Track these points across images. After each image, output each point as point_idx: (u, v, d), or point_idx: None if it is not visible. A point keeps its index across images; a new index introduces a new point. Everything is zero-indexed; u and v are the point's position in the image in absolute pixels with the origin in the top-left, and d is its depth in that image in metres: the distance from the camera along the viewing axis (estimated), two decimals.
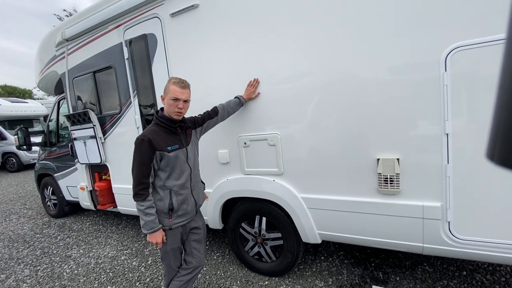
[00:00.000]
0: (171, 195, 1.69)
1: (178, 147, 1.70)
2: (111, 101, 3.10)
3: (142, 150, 1.62)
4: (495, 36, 1.38)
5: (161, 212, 1.68)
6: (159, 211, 1.68)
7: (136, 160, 1.64)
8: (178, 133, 1.74)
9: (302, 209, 2.08)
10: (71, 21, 3.24)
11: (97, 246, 3.40)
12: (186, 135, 1.81)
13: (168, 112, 1.69)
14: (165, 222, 1.70)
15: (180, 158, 1.70)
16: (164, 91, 1.69)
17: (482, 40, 1.41)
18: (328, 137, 1.90)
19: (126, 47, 2.75)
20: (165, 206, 1.68)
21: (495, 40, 1.38)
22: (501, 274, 2.20)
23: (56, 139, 4.29)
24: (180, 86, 1.66)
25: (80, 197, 3.78)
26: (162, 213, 1.68)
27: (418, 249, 1.76)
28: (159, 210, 1.68)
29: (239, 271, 2.57)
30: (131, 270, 2.77)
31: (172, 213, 1.70)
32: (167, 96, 1.65)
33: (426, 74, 1.56)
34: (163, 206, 1.68)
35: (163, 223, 1.69)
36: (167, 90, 1.66)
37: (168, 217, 1.70)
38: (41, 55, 3.81)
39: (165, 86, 1.69)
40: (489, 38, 1.39)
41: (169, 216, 1.70)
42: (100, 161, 3.20)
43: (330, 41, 1.80)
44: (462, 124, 1.52)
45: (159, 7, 2.45)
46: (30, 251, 3.44)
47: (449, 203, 1.60)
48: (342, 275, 2.39)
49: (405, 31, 1.58)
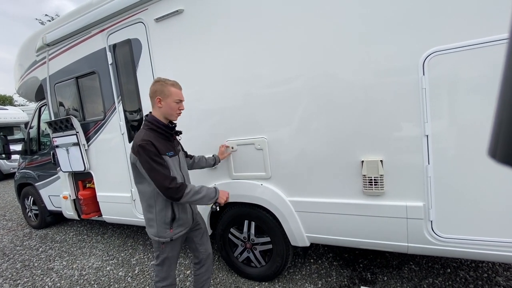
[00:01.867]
0: (172, 204, 1.63)
1: (173, 153, 1.65)
2: (95, 107, 3.03)
3: (152, 151, 1.49)
4: (471, 41, 1.44)
5: (163, 222, 1.61)
6: (160, 222, 1.61)
7: (153, 163, 1.49)
8: (172, 140, 1.71)
9: (290, 213, 2.09)
10: (53, 25, 3.16)
11: (81, 257, 3.28)
12: (175, 142, 1.78)
13: (168, 115, 1.63)
14: (166, 233, 1.63)
15: (175, 165, 1.66)
16: (161, 94, 1.59)
17: (459, 45, 1.47)
18: (314, 140, 1.93)
19: (110, 52, 2.70)
20: (168, 215, 1.62)
21: (471, 45, 1.44)
22: (483, 270, 2.28)
23: (37, 147, 4.14)
24: (179, 88, 1.65)
25: (63, 207, 3.65)
26: (163, 224, 1.62)
27: (403, 249, 1.80)
28: (160, 221, 1.61)
29: (229, 277, 2.53)
30: (117, 280, 2.69)
31: (173, 223, 1.64)
32: (169, 99, 1.60)
33: (406, 78, 1.61)
34: (164, 216, 1.61)
35: (164, 234, 1.62)
36: (166, 93, 1.59)
37: (169, 228, 1.63)
38: (21, 60, 3.70)
39: (159, 89, 1.60)
40: (465, 43, 1.45)
41: (170, 226, 1.63)
42: (83, 169, 3.11)
43: (315, 46, 1.83)
44: (441, 126, 1.57)
45: (144, 12, 2.43)
46: (10, 265, 3.28)
47: (431, 202, 1.64)
48: (331, 277, 2.40)
49: (386, 36, 1.63)
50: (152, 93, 1.62)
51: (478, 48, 1.42)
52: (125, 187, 2.90)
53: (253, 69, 2.06)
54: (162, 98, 1.60)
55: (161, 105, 1.61)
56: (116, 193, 3.01)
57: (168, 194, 1.50)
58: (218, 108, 2.24)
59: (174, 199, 1.53)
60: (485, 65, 1.43)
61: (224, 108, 2.22)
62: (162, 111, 1.62)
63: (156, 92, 1.61)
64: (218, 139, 2.28)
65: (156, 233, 1.63)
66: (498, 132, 0.33)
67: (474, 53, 1.44)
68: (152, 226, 1.65)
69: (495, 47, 1.38)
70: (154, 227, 1.63)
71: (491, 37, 1.39)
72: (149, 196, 1.61)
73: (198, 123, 2.35)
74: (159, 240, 1.63)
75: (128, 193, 2.89)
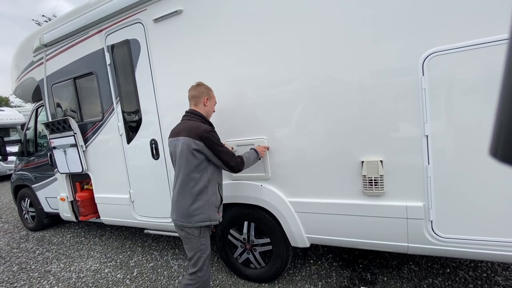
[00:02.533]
0: (219, 189, 1.83)
1: None
2: (93, 108, 3.01)
3: (218, 137, 1.77)
4: (471, 41, 1.45)
5: (214, 206, 1.77)
6: (212, 205, 1.75)
7: (220, 143, 1.76)
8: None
9: (290, 213, 2.08)
10: (50, 26, 3.14)
11: (78, 260, 3.25)
12: None
13: (209, 113, 1.92)
14: (216, 216, 1.79)
15: None
16: (208, 95, 1.88)
17: (458, 45, 1.47)
18: (314, 141, 1.92)
19: (108, 53, 2.69)
20: (218, 199, 1.80)
21: (471, 45, 1.45)
22: (482, 270, 2.28)
23: (34, 148, 4.11)
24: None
25: (60, 209, 3.61)
26: (214, 207, 1.77)
27: (403, 249, 1.79)
28: (212, 204, 1.75)
29: (228, 278, 2.52)
30: (115, 283, 2.67)
31: (219, 207, 1.83)
32: (212, 101, 1.94)
33: (406, 79, 1.61)
34: (215, 199, 1.77)
35: (214, 217, 1.77)
36: (211, 95, 1.92)
37: (217, 211, 1.80)
38: (18, 61, 3.67)
39: (205, 91, 1.87)
40: (465, 43, 1.46)
41: (218, 210, 1.81)
42: (81, 170, 3.08)
43: (315, 47, 1.83)
44: (441, 126, 1.57)
45: (142, 12, 2.42)
46: (7, 267, 3.24)
47: (431, 202, 1.64)
48: (331, 278, 2.39)
49: (386, 36, 1.64)
50: (199, 93, 1.86)
51: (478, 49, 1.43)
52: (124, 189, 2.87)
53: (253, 69, 2.05)
54: (209, 98, 1.88)
55: (207, 104, 1.88)
56: (114, 194, 2.99)
57: (236, 168, 1.76)
58: (218, 108, 2.22)
59: (239, 170, 1.79)
60: (485, 66, 1.44)
61: (224, 109, 2.21)
62: (207, 109, 1.89)
63: (203, 93, 1.86)
64: None
65: (208, 217, 1.73)
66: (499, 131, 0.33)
67: (474, 54, 1.45)
68: (203, 212, 1.72)
69: (495, 48, 1.39)
70: (204, 212, 1.72)
71: (491, 38, 1.40)
72: (203, 182, 1.72)
73: None
74: (211, 223, 1.75)
75: (126, 195, 2.87)
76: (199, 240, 1.72)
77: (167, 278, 2.64)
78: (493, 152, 0.34)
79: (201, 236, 1.73)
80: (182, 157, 1.70)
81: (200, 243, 1.73)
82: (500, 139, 0.33)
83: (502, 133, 0.33)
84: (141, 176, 2.73)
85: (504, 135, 0.33)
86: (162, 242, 3.45)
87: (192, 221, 1.70)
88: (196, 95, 1.85)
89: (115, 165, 2.87)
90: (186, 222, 1.71)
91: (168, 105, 2.44)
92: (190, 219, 1.70)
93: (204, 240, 1.75)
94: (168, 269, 2.80)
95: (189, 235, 1.73)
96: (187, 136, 1.68)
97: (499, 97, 0.34)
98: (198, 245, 1.72)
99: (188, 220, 1.71)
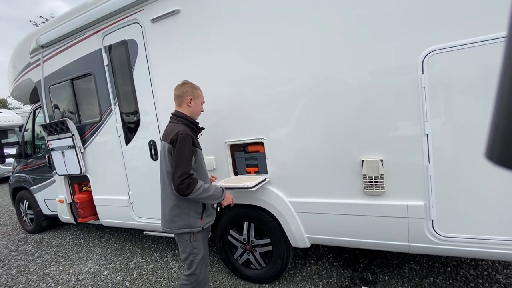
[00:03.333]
0: None
1: (201, 149, 1.79)
2: (91, 109, 2.99)
3: (187, 143, 1.59)
4: (471, 39, 1.44)
5: (194, 212, 1.68)
6: (193, 212, 1.67)
7: (185, 152, 1.57)
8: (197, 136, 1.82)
9: (291, 214, 2.07)
10: (47, 27, 3.12)
11: (78, 262, 3.23)
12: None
13: (194, 114, 1.81)
14: (198, 223, 1.69)
15: (203, 159, 1.80)
16: (192, 95, 1.76)
17: (458, 43, 1.47)
18: (314, 140, 1.91)
19: (105, 53, 2.67)
20: (199, 205, 1.70)
21: (469, 43, 1.44)
22: (483, 269, 2.28)
23: (32, 150, 4.08)
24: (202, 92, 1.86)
25: (59, 211, 3.59)
26: (195, 214, 1.68)
27: (404, 248, 1.79)
28: (192, 211, 1.67)
29: (229, 279, 2.51)
30: (115, 285, 2.65)
31: (203, 213, 1.72)
32: (198, 100, 1.80)
33: (405, 77, 1.61)
34: (196, 205, 1.68)
35: (196, 224, 1.68)
36: (196, 95, 1.78)
37: (200, 218, 1.70)
38: (15, 62, 3.64)
39: (189, 90, 1.76)
40: (464, 41, 1.45)
41: (201, 216, 1.71)
42: (80, 172, 3.06)
43: (314, 46, 1.82)
44: (441, 125, 1.57)
45: (140, 12, 2.40)
46: (5, 270, 3.21)
47: (431, 201, 1.64)
48: (332, 277, 2.39)
49: (384, 35, 1.63)
50: (183, 92, 1.76)
51: (478, 46, 1.42)
52: (123, 190, 2.86)
53: (251, 69, 2.04)
54: (193, 98, 1.77)
55: (191, 105, 1.76)
56: (113, 196, 2.97)
57: (180, 187, 1.52)
58: (217, 109, 2.22)
59: (182, 194, 1.54)
60: (485, 63, 1.43)
61: (223, 109, 2.20)
62: (191, 110, 1.77)
63: (187, 92, 1.76)
64: (217, 140, 2.26)
65: (188, 225, 1.66)
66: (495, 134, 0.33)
67: (474, 51, 1.44)
68: (182, 219, 1.66)
69: (495, 45, 1.38)
70: (185, 219, 1.66)
71: (491, 35, 1.39)
72: None
73: None
74: (192, 231, 1.66)
75: (125, 196, 2.85)
76: (190, 244, 1.68)
77: (167, 280, 2.63)
78: (488, 155, 0.34)
79: (192, 241, 1.68)
80: (161, 161, 1.69)
81: (192, 247, 1.69)
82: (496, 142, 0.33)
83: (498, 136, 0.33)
84: (140, 177, 2.71)
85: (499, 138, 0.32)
86: (161, 243, 3.44)
87: (172, 228, 1.67)
88: (179, 95, 1.76)
89: (114, 166, 2.86)
90: (168, 228, 1.69)
91: (167, 105, 2.40)
92: (171, 225, 1.68)
93: (195, 244, 1.69)
94: (168, 271, 2.79)
95: (180, 239, 1.71)
96: (164, 140, 1.66)
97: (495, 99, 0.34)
98: (190, 249, 1.69)
99: (169, 226, 1.69)
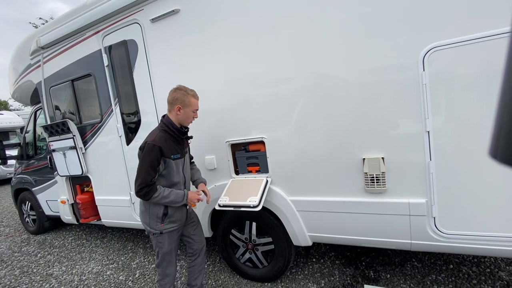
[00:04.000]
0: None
1: (179, 156, 1.78)
2: (91, 110, 2.99)
3: (152, 155, 1.63)
4: (472, 35, 1.43)
5: (155, 216, 1.74)
6: (153, 215, 1.74)
7: (146, 164, 1.63)
8: (182, 142, 1.81)
9: (292, 212, 2.07)
10: (47, 28, 3.12)
11: (80, 262, 3.24)
12: (185, 145, 1.88)
13: (183, 122, 1.77)
14: (157, 226, 1.75)
15: (178, 167, 1.78)
16: (182, 103, 1.72)
17: (459, 39, 1.46)
18: (314, 139, 1.91)
19: (105, 54, 2.67)
20: (160, 211, 1.74)
21: (471, 40, 1.43)
22: (485, 266, 2.27)
23: (33, 151, 4.09)
24: (197, 98, 1.80)
25: (61, 211, 3.60)
26: (155, 217, 1.74)
27: (407, 246, 1.79)
28: (153, 214, 1.74)
29: (231, 278, 2.51)
30: (117, 285, 2.66)
31: (165, 218, 1.76)
32: (188, 108, 1.74)
33: (406, 74, 1.60)
34: (157, 210, 1.73)
35: (155, 227, 1.75)
36: (187, 103, 1.72)
37: (161, 222, 1.75)
38: (15, 64, 3.65)
39: (180, 98, 1.72)
40: (466, 37, 1.44)
41: (162, 221, 1.75)
42: (81, 172, 3.07)
43: (314, 44, 1.81)
44: (442, 122, 1.56)
45: (139, 12, 2.40)
46: (8, 271, 3.23)
47: (433, 199, 1.63)
48: (334, 276, 2.39)
49: (384, 32, 1.62)
50: (173, 99, 1.74)
51: (480, 43, 1.41)
52: (124, 190, 2.86)
53: (251, 68, 2.04)
54: (182, 107, 1.73)
55: (180, 113, 1.74)
56: (114, 196, 2.98)
57: (138, 194, 1.63)
58: (217, 108, 2.22)
59: (142, 199, 1.68)
60: (487, 60, 1.42)
61: (223, 109, 2.20)
62: (179, 118, 1.76)
63: (177, 100, 1.72)
64: (217, 139, 2.26)
65: (148, 224, 1.77)
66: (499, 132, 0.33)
67: (475, 48, 1.43)
68: (144, 217, 1.79)
69: (496, 41, 1.37)
70: (146, 219, 1.78)
71: (492, 31, 1.38)
72: None
73: (197, 124, 2.31)
74: (150, 231, 1.78)
75: (127, 196, 2.86)
76: (155, 237, 1.80)
77: None
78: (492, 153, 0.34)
79: (156, 236, 1.79)
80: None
81: (157, 241, 1.80)
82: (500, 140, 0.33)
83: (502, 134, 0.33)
84: None
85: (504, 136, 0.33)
86: None
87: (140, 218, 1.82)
88: (170, 101, 1.76)
89: (115, 166, 2.86)
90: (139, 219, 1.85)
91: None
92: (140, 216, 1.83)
93: (160, 238, 1.78)
94: None
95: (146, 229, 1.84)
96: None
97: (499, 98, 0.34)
98: (155, 242, 1.81)
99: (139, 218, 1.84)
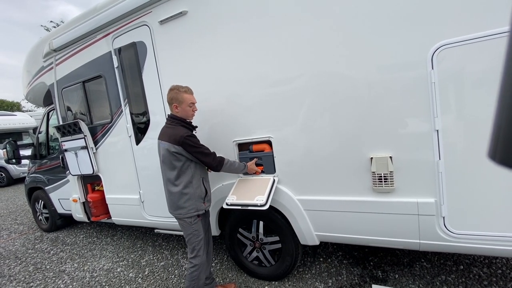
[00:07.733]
0: (203, 182, 1.96)
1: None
2: (102, 110, 3.06)
3: (196, 139, 1.88)
4: (480, 33, 1.41)
5: (198, 197, 1.92)
6: (196, 197, 1.91)
7: (200, 146, 1.86)
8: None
9: (299, 211, 2.08)
10: (59, 31, 3.20)
11: (92, 259, 3.32)
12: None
13: (185, 117, 1.94)
14: (201, 206, 1.94)
15: None
16: (176, 101, 1.88)
17: (467, 37, 1.44)
18: (321, 138, 1.91)
19: (115, 56, 2.73)
20: (202, 191, 1.95)
21: (480, 37, 1.41)
22: (497, 267, 2.23)
23: (46, 151, 4.20)
24: (190, 92, 1.95)
25: (72, 210, 3.69)
26: (199, 198, 1.92)
27: (415, 246, 1.77)
28: (197, 196, 1.91)
29: (238, 277, 2.54)
30: (127, 282, 2.71)
31: (205, 198, 1.97)
32: (183, 104, 1.89)
33: (414, 73, 1.59)
34: (200, 192, 1.93)
35: (199, 207, 1.93)
36: (180, 99, 1.87)
37: (203, 202, 1.96)
38: (29, 66, 3.75)
39: (174, 97, 1.87)
40: (475, 35, 1.43)
41: (203, 200, 1.96)
42: (92, 171, 3.14)
43: (321, 43, 1.82)
44: (451, 120, 1.54)
45: (148, 15, 2.44)
46: (23, 268, 3.33)
47: (442, 198, 1.62)
48: (341, 275, 2.38)
49: (393, 30, 1.61)
50: (169, 100, 1.91)
51: (488, 40, 1.39)
52: (134, 189, 2.92)
53: (258, 68, 2.05)
54: (178, 104, 1.89)
55: (178, 110, 1.91)
56: (124, 195, 3.04)
57: (216, 164, 1.89)
58: (224, 108, 2.24)
59: (217, 170, 1.92)
60: (495, 57, 1.40)
61: (230, 108, 2.22)
62: (180, 114, 1.92)
63: (172, 99, 1.89)
64: (225, 139, 2.28)
65: (195, 208, 1.91)
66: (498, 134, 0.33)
67: (484, 45, 1.41)
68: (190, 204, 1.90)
69: (505, 39, 1.35)
70: (191, 204, 1.90)
71: (501, 29, 1.36)
72: (187, 178, 1.87)
73: (204, 123, 2.35)
74: (197, 213, 1.92)
75: (136, 195, 2.91)
76: (191, 226, 1.93)
77: (178, 277, 2.67)
78: (491, 155, 0.34)
79: (193, 223, 1.92)
80: (165, 160, 1.88)
81: (193, 229, 1.93)
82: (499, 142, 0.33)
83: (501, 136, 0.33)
84: (151, 176, 2.76)
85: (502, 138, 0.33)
86: (172, 241, 3.50)
87: (182, 213, 1.90)
88: (168, 101, 1.95)
89: (125, 166, 2.92)
90: (178, 214, 1.92)
91: None
92: (181, 211, 1.91)
93: (196, 226, 1.94)
94: (178, 268, 2.84)
95: (183, 223, 1.94)
96: (167, 141, 1.84)
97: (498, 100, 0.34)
98: (191, 230, 1.93)
99: (179, 212, 1.91)
